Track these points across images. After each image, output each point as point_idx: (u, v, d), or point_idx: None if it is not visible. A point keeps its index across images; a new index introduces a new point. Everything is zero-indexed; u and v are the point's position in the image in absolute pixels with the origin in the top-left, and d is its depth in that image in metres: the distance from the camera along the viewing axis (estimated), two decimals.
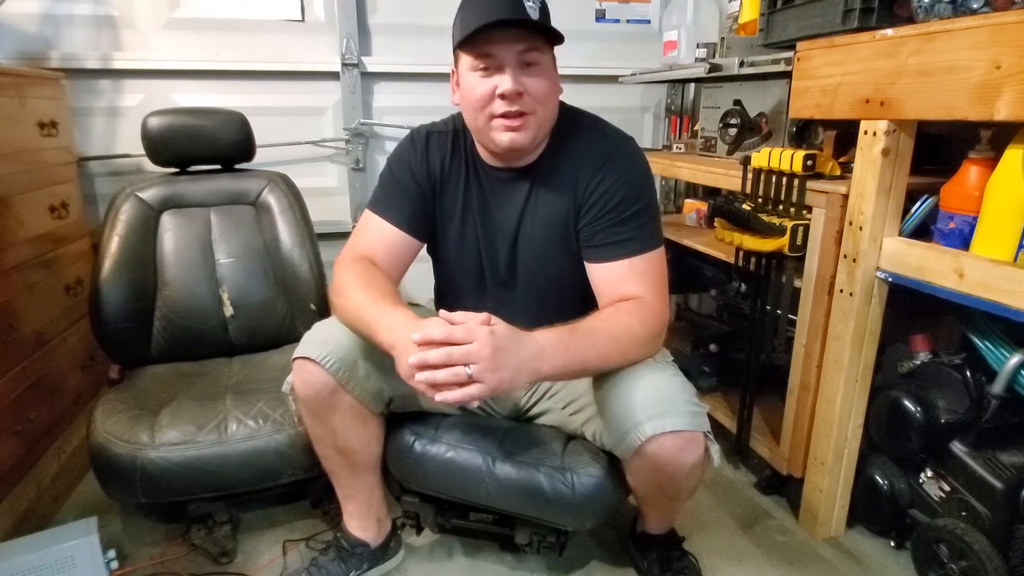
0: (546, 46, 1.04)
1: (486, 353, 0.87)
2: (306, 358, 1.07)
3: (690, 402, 1.01)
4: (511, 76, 1.01)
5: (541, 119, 1.06)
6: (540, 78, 1.03)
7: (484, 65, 1.02)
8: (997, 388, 1.14)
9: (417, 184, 1.17)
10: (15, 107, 1.49)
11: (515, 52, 1.01)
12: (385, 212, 1.17)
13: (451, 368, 0.87)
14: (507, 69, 1.01)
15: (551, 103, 1.08)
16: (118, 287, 1.52)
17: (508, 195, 1.15)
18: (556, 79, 1.08)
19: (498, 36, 1.00)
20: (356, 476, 1.22)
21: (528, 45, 1.01)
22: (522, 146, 1.07)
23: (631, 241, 1.08)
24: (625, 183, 1.09)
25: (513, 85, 1.01)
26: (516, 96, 1.01)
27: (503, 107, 1.02)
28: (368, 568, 1.28)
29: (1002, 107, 0.95)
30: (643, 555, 1.29)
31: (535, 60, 1.02)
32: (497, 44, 1.00)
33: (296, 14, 2.04)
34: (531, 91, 1.02)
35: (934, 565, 1.23)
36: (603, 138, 1.14)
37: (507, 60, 1.01)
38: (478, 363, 0.86)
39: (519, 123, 1.04)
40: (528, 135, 1.05)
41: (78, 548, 1.15)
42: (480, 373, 0.86)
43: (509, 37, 1.00)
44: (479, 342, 0.87)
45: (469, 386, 0.87)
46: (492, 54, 1.01)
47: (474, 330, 0.88)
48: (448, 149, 1.17)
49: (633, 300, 1.05)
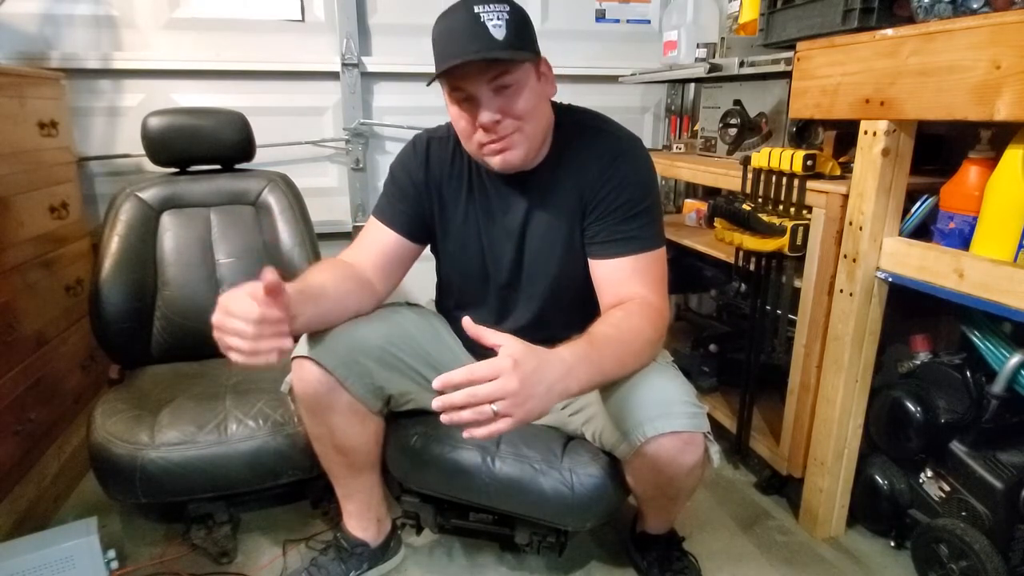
0: (519, 63, 1.00)
1: (512, 387, 0.79)
2: (304, 357, 1.07)
3: (690, 403, 1.01)
4: (485, 108, 1.00)
5: (530, 134, 1.05)
6: (518, 96, 1.01)
7: (461, 97, 1.02)
8: (997, 388, 1.14)
9: (416, 189, 1.18)
10: (15, 107, 1.49)
11: (484, 82, 0.99)
12: (385, 217, 1.18)
13: (475, 407, 0.80)
14: (481, 101, 1.00)
15: (538, 115, 1.05)
16: (118, 287, 1.52)
17: (513, 198, 1.15)
18: (541, 88, 1.06)
19: (467, 71, 0.98)
20: (355, 476, 1.22)
21: (496, 71, 0.99)
22: (515, 164, 1.06)
23: (635, 239, 1.08)
24: (632, 182, 1.09)
25: (489, 116, 1.00)
26: (494, 125, 1.01)
27: (485, 137, 1.03)
28: (368, 568, 1.28)
29: (1002, 107, 0.94)
30: (643, 555, 1.29)
31: (508, 83, 1.00)
32: (468, 79, 0.99)
33: (296, 14, 2.03)
34: (511, 112, 1.01)
35: (934, 565, 1.23)
36: (610, 138, 1.13)
37: (479, 92, 1.00)
38: (505, 398, 0.79)
39: (505, 144, 1.03)
40: (519, 153, 1.05)
41: (78, 548, 1.15)
42: (506, 408, 0.79)
43: (478, 69, 0.98)
44: (504, 378, 0.79)
45: (496, 422, 0.80)
46: (463, 88, 1.00)
47: (498, 365, 0.80)
48: (450, 154, 1.18)
49: (637, 300, 1.05)
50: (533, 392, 0.82)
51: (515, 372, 0.80)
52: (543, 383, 0.83)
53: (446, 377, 0.81)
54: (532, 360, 0.83)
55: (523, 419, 0.81)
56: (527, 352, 0.83)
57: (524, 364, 0.81)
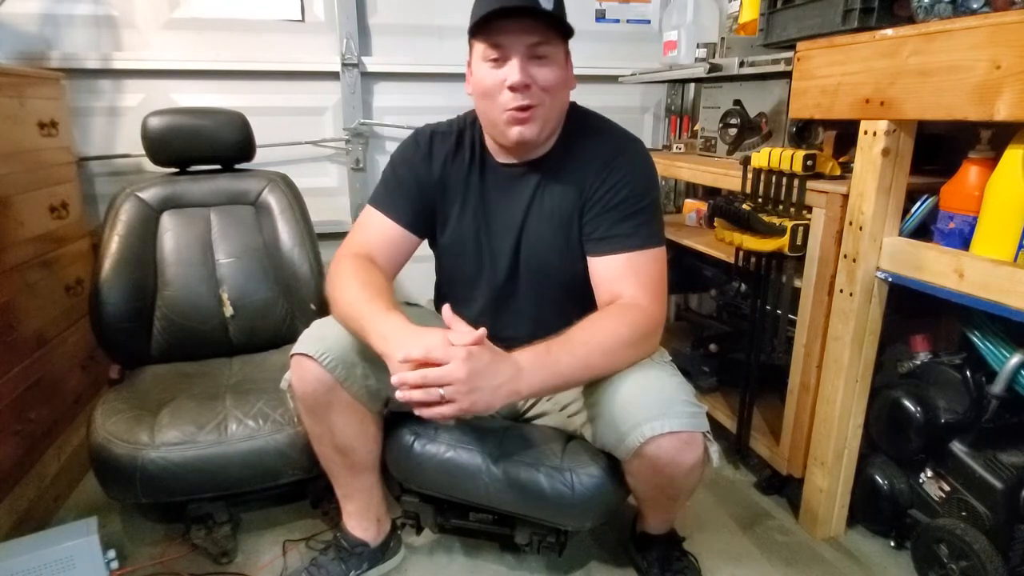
0: (558, 40, 1.05)
1: (460, 375, 0.87)
2: (304, 355, 1.07)
3: (689, 402, 1.01)
4: (519, 67, 1.01)
5: (548, 111, 1.07)
6: (549, 69, 1.04)
7: (495, 56, 1.03)
8: (997, 388, 1.14)
9: (418, 181, 1.17)
10: (15, 107, 1.49)
11: (525, 44, 1.01)
12: (385, 208, 1.18)
13: (425, 388, 0.88)
14: (516, 60, 1.01)
15: (560, 96, 1.08)
16: (118, 287, 1.52)
17: (515, 190, 1.16)
18: (568, 75, 1.09)
19: (509, 27, 1.00)
20: (355, 475, 1.22)
21: (539, 39, 1.02)
22: (529, 139, 1.07)
23: (631, 236, 1.08)
24: (631, 181, 1.10)
25: (521, 77, 1.01)
26: (524, 88, 1.02)
27: (512, 100, 1.03)
28: (368, 568, 1.28)
29: (1002, 107, 0.94)
30: (643, 555, 1.29)
31: (545, 53, 1.03)
32: (507, 35, 1.01)
33: (296, 14, 2.03)
34: (539, 82, 1.03)
35: (934, 565, 1.23)
36: (611, 137, 1.15)
37: (516, 51, 1.01)
38: (452, 384, 0.87)
39: (526, 115, 1.04)
40: (534, 128, 1.06)
41: (78, 548, 1.15)
42: (452, 394, 0.88)
43: (520, 29, 1.00)
44: (453, 364, 0.88)
45: (442, 406, 0.88)
46: (502, 45, 1.02)
47: (452, 352, 0.88)
48: (451, 148, 1.18)
49: (623, 302, 1.05)
50: (479, 385, 0.89)
51: (465, 362, 0.88)
52: (491, 380, 0.90)
53: (406, 351, 0.90)
54: (484, 356, 0.91)
55: (467, 408, 0.89)
56: (482, 349, 0.91)
57: (476, 358, 0.89)
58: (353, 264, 1.10)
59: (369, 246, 1.15)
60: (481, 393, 0.89)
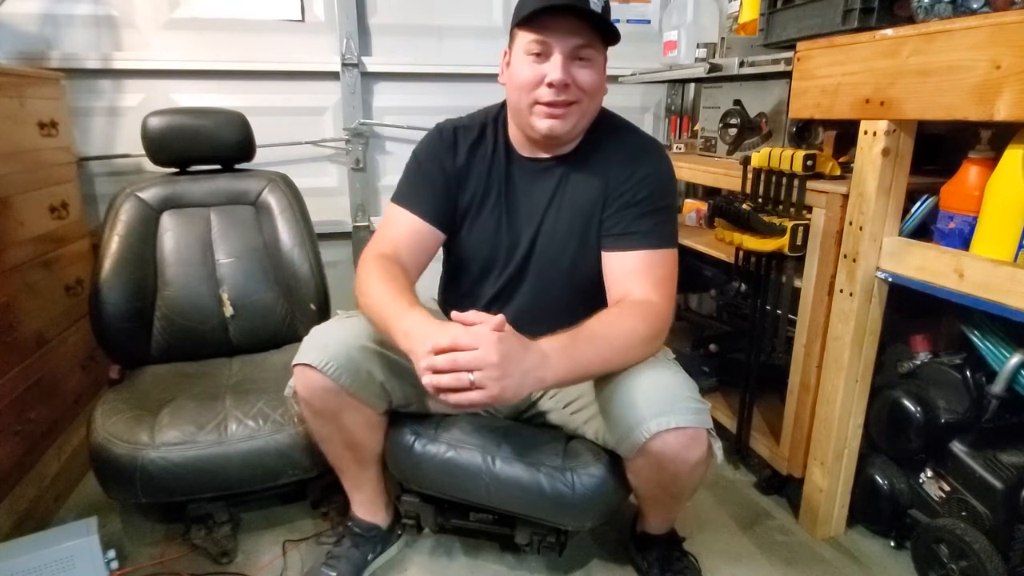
0: (601, 46, 1.06)
1: (492, 360, 0.85)
2: (307, 365, 1.07)
3: (693, 399, 1.02)
4: (562, 66, 1.03)
5: (584, 110, 1.08)
6: (590, 71, 1.05)
7: (537, 51, 1.04)
8: (997, 388, 1.14)
9: (444, 175, 1.17)
10: (15, 107, 1.49)
11: (570, 44, 1.03)
12: (410, 204, 1.17)
13: (454, 373, 0.86)
14: (559, 58, 1.03)
15: (597, 97, 1.10)
16: (118, 287, 1.52)
17: (538, 183, 1.17)
18: (604, 79, 1.10)
19: (557, 25, 1.01)
20: (364, 467, 1.25)
21: (584, 41, 1.03)
22: (560, 134, 1.09)
23: (649, 235, 1.10)
24: (654, 180, 1.12)
25: (562, 75, 1.02)
26: (564, 87, 1.04)
27: (549, 95, 1.04)
28: (382, 550, 1.33)
29: (1002, 107, 0.95)
30: (643, 555, 1.29)
31: (588, 56, 1.05)
32: (554, 32, 1.02)
33: (296, 14, 2.04)
34: (579, 82, 1.05)
35: (934, 565, 1.23)
36: (636, 139, 1.18)
37: (561, 50, 1.03)
38: (483, 369, 0.85)
39: (562, 111, 1.06)
40: (568, 124, 1.07)
41: (78, 548, 1.15)
42: (483, 380, 0.85)
43: (567, 28, 1.02)
44: (484, 348, 0.85)
45: (471, 392, 0.86)
46: (547, 41, 1.03)
47: (481, 336, 0.87)
48: (475, 140, 1.19)
49: (637, 298, 1.06)
50: (510, 371, 0.87)
51: (497, 346, 0.86)
52: (520, 366, 0.88)
53: (433, 340, 0.87)
54: (514, 340, 0.89)
55: (497, 396, 0.86)
56: (511, 333, 0.90)
57: (506, 341, 0.87)
58: (377, 265, 1.10)
59: (395, 243, 1.15)
60: (511, 379, 0.87)
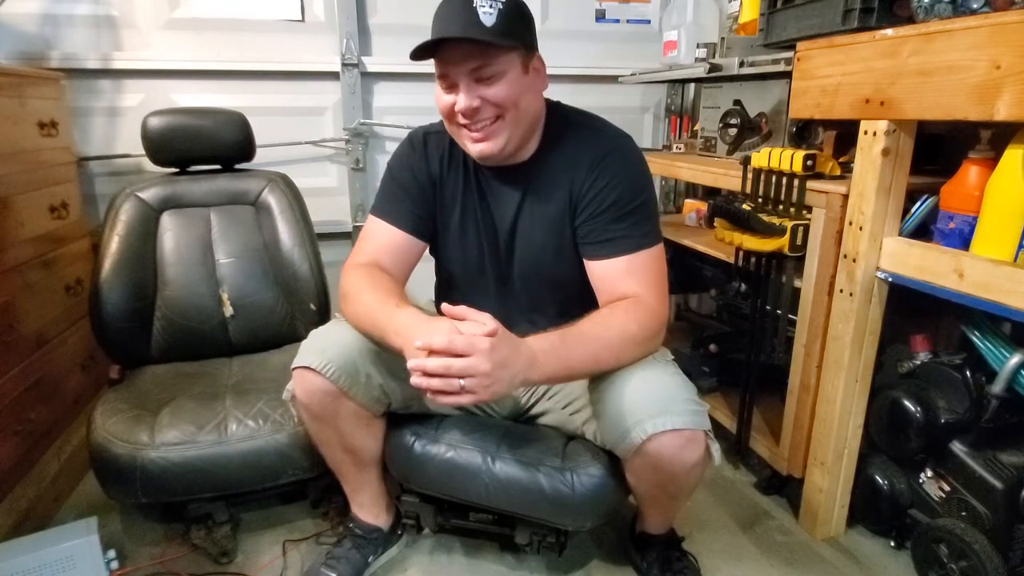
0: (506, 53, 1.00)
1: (484, 369, 0.86)
2: (306, 367, 1.07)
3: (691, 400, 1.02)
4: (464, 94, 1.01)
5: (515, 119, 1.04)
6: (499, 86, 1.01)
7: (445, 83, 1.03)
8: (997, 388, 1.14)
9: (418, 185, 1.17)
10: (15, 107, 1.49)
11: (466, 71, 1.00)
12: (388, 215, 1.17)
13: (445, 379, 0.87)
14: (461, 87, 1.01)
15: (524, 104, 1.05)
16: (118, 287, 1.52)
17: (504, 193, 1.15)
18: (529, 81, 1.05)
19: (451, 54, 0.99)
20: (363, 471, 1.25)
21: (479, 62, 0.99)
22: (493, 154, 1.06)
23: (627, 239, 1.08)
24: (620, 181, 1.08)
25: (466, 103, 1.01)
26: (473, 112, 1.02)
27: (463, 122, 1.04)
28: (383, 552, 1.33)
29: (1002, 107, 0.94)
30: (642, 555, 1.29)
31: (491, 74, 1.01)
32: (450, 63, 1.01)
33: (296, 14, 2.03)
34: (492, 100, 1.02)
35: (934, 565, 1.23)
36: (598, 136, 1.13)
37: (459, 78, 1.01)
38: (475, 377, 0.86)
39: (484, 134, 1.04)
40: (500, 141, 1.05)
41: (78, 548, 1.15)
42: (473, 386, 0.87)
43: (461, 53, 0.99)
44: (478, 356, 0.86)
45: (460, 395, 0.87)
46: (446, 73, 1.02)
47: (475, 344, 0.87)
48: (446, 148, 1.17)
49: (629, 299, 1.05)
50: (500, 377, 0.89)
51: (490, 355, 0.87)
52: (510, 370, 0.90)
53: (427, 340, 0.88)
54: (505, 347, 0.90)
55: (486, 399, 0.89)
56: (503, 337, 0.90)
57: (498, 349, 0.88)
58: (360, 273, 1.10)
59: (375, 255, 1.15)
60: (500, 385, 0.89)
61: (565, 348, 0.97)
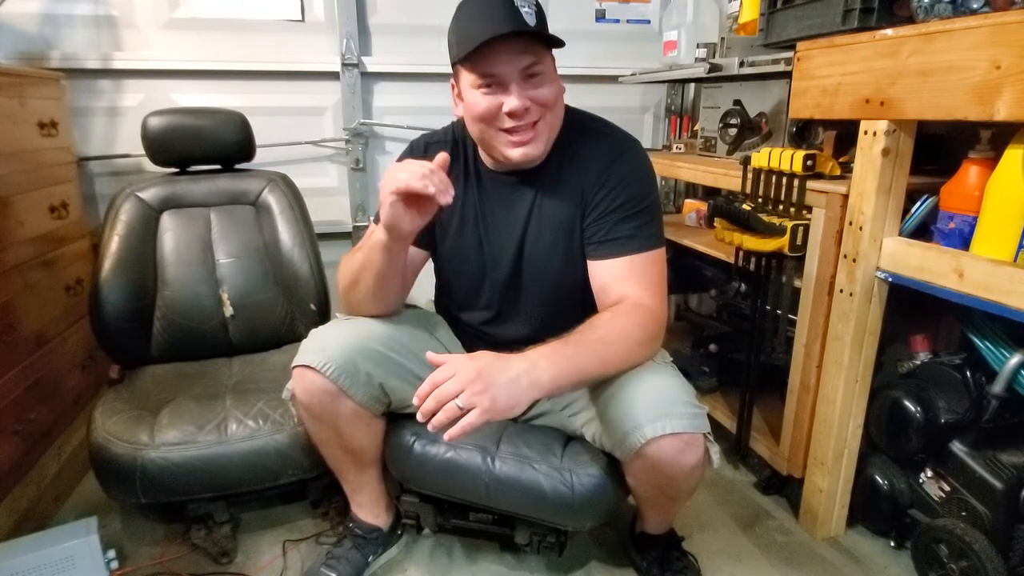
0: (546, 52, 1.03)
1: (469, 375, 0.85)
2: (306, 366, 1.07)
3: (690, 403, 1.01)
4: (517, 94, 1.00)
5: (551, 123, 1.06)
6: (545, 87, 1.02)
7: (487, 83, 1.01)
8: (997, 388, 1.14)
9: None
10: (15, 107, 1.49)
11: (518, 69, 0.99)
12: None
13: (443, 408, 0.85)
14: (512, 87, 1.00)
15: (559, 107, 1.08)
16: (118, 287, 1.52)
17: (514, 199, 1.15)
18: (559, 81, 1.07)
19: (500, 54, 0.98)
20: (363, 471, 1.25)
21: (532, 59, 0.99)
22: (535, 157, 1.07)
23: (632, 239, 1.08)
24: (629, 184, 1.09)
25: (520, 103, 1.00)
26: (523, 113, 1.01)
27: (511, 123, 1.02)
28: (383, 551, 1.33)
29: (1002, 107, 0.94)
30: (642, 555, 1.29)
31: (539, 71, 1.01)
32: (499, 63, 0.99)
33: (296, 14, 2.03)
34: (539, 101, 1.02)
35: (934, 565, 1.23)
36: (609, 141, 1.14)
37: (511, 78, 1.00)
38: (464, 388, 0.85)
39: (530, 136, 1.04)
40: (540, 146, 1.06)
41: (78, 548, 1.15)
42: (469, 399, 0.84)
43: (511, 52, 0.98)
44: (459, 370, 0.86)
45: (466, 416, 0.85)
46: (495, 73, 1.00)
47: (454, 362, 0.87)
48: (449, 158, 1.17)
49: (631, 302, 1.05)
50: (493, 380, 0.86)
51: (470, 363, 0.87)
52: (504, 374, 0.88)
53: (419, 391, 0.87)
54: (489, 356, 0.90)
55: (490, 408, 0.85)
56: (484, 352, 0.91)
57: (479, 358, 0.89)
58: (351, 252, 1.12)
59: None
60: (498, 388, 0.86)
61: (568, 350, 0.95)
